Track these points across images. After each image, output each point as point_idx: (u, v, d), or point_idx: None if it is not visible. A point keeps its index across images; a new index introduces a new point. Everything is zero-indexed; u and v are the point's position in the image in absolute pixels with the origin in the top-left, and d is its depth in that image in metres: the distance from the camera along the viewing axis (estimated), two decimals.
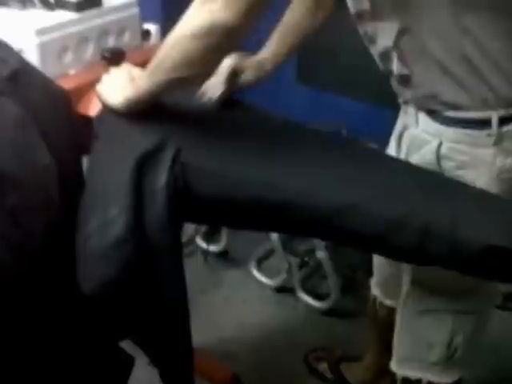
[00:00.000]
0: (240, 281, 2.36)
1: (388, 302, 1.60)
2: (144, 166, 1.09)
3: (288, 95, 2.41)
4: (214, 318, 2.17)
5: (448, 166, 1.17)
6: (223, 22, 0.99)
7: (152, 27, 1.67)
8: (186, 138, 1.15)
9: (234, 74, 1.29)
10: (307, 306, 2.22)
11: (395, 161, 1.23)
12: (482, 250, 1.00)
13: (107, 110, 1.19)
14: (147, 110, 1.15)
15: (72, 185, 1.19)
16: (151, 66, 1.11)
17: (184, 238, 2.41)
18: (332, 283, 2.14)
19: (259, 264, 2.38)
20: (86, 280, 1.09)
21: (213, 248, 2.43)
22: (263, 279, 2.33)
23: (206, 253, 2.39)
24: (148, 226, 1.08)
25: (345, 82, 2.28)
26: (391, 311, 1.51)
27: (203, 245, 2.42)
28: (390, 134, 1.38)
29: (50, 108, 1.23)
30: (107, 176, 1.13)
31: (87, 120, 1.30)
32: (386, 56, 1.18)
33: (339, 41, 1.32)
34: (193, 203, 1.13)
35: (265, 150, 1.15)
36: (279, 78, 1.36)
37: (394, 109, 1.32)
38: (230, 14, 0.98)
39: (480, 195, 1.10)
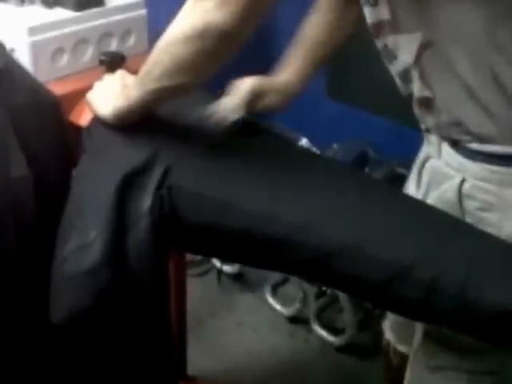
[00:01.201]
0: (253, 306, 2.26)
1: (401, 348, 1.45)
2: (130, 185, 1.01)
3: (315, 109, 2.28)
4: (221, 343, 2.07)
5: (471, 207, 1.02)
6: (218, 22, 0.89)
7: None
8: (177, 155, 1.05)
9: (255, 98, 1.15)
10: (321, 339, 2.10)
11: (410, 200, 1.08)
12: (502, 314, 0.85)
13: (97, 120, 1.11)
14: (139, 123, 1.06)
15: (55, 199, 1.10)
16: (141, 72, 1.02)
17: (200, 256, 2.34)
18: (348, 317, 2.01)
19: (274, 290, 2.28)
20: (56, 307, 1.01)
21: (227, 269, 2.35)
22: (277, 307, 2.22)
23: (220, 273, 2.31)
24: (129, 251, 1.00)
25: (377, 99, 2.11)
26: (405, 359, 1.36)
27: (218, 264, 2.33)
28: None
29: (36, 114, 1.17)
30: (90, 193, 1.04)
31: (79, 130, 1.22)
32: (406, 75, 1.05)
33: (376, 54, 1.19)
34: (180, 230, 1.03)
35: (263, 176, 1.03)
36: (307, 90, 1.23)
37: None
38: (225, 13, 0.88)
39: (504, 248, 0.94)
